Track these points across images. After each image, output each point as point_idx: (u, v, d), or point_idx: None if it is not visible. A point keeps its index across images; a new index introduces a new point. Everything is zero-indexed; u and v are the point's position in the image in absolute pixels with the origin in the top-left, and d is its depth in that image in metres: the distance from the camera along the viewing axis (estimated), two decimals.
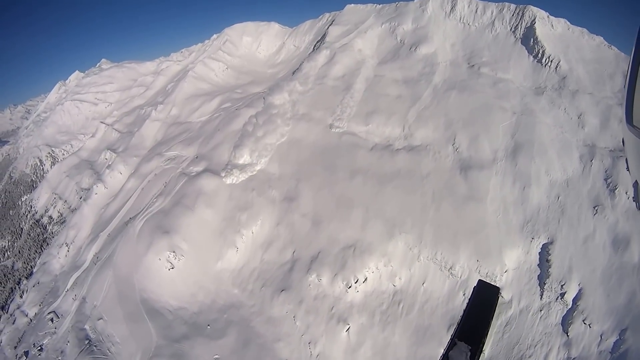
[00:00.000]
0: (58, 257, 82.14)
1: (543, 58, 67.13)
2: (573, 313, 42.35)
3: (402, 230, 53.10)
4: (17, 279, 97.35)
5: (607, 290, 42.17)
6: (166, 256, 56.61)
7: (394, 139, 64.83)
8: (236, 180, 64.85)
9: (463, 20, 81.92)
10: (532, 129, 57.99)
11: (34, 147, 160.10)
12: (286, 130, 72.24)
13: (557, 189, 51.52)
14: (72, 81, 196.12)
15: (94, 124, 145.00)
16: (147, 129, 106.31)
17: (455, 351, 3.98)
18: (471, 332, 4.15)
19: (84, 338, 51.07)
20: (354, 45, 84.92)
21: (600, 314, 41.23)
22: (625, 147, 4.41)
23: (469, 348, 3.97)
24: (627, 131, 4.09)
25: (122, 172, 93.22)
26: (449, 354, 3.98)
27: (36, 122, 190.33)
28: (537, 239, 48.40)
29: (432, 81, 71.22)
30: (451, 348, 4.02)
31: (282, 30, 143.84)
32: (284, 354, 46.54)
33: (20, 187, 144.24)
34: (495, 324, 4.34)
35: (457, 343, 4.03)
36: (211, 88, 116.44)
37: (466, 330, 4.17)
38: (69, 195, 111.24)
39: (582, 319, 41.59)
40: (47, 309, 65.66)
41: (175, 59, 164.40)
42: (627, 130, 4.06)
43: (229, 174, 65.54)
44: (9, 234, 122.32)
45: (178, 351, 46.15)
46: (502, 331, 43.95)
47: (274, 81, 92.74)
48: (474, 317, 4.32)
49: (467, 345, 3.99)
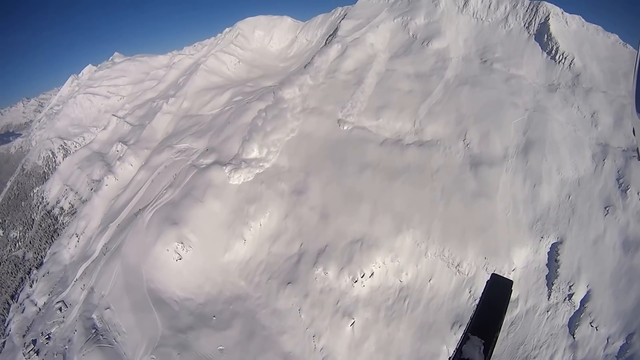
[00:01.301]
0: (68, 247, 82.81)
1: (557, 55, 66.26)
2: (580, 315, 41.73)
3: (410, 225, 52.73)
4: (28, 268, 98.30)
5: (616, 293, 41.49)
6: (174, 247, 56.82)
7: (405, 133, 64.35)
8: (239, 181, 64.42)
9: (476, 15, 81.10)
10: (544, 126, 57.22)
11: (46, 139, 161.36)
12: (296, 125, 72.08)
13: (568, 187, 50.83)
14: (85, 75, 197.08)
15: (106, 117, 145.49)
16: (158, 122, 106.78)
17: (469, 345, 3.99)
18: (484, 326, 4.15)
19: (91, 327, 51.51)
20: (366, 39, 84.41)
21: (607, 317, 40.58)
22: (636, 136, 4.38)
23: (482, 342, 3.98)
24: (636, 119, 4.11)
25: (132, 164, 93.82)
26: (462, 348, 3.99)
27: (49, 115, 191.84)
28: (547, 238, 47.80)
29: (444, 76, 70.59)
30: (464, 342, 4.03)
31: (295, 24, 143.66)
32: (288, 346, 46.50)
33: (33, 179, 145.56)
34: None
35: (471, 337, 4.04)
36: (223, 81, 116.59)
37: (479, 324, 4.18)
38: (80, 186, 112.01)
39: (590, 322, 40.97)
40: (56, 298, 66.33)
41: (188, 53, 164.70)
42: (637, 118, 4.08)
43: (234, 172, 65.09)
44: (20, 225, 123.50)
45: (183, 341, 46.32)
46: (507, 330, 43.45)
47: (286, 75, 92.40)
48: (487, 311, 4.32)
49: (480, 340, 4.00)
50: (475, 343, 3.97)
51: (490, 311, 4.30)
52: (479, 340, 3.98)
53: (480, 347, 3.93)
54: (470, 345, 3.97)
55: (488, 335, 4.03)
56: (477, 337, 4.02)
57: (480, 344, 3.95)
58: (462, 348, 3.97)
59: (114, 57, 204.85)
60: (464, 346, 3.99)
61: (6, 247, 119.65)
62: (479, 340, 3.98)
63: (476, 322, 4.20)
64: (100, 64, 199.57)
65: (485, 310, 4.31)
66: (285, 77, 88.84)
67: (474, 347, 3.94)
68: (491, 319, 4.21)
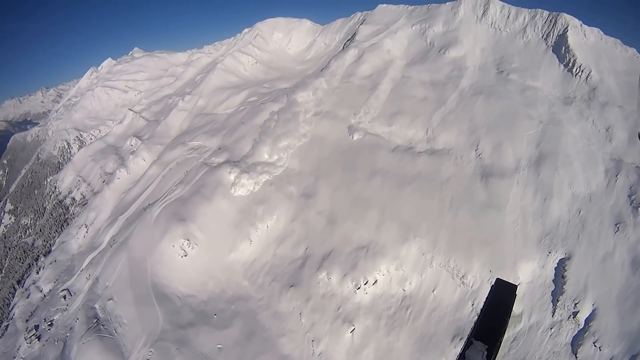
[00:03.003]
0: (77, 237, 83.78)
1: (574, 67, 65.23)
2: (584, 334, 40.53)
3: (416, 234, 52.17)
4: (36, 255, 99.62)
5: (622, 313, 40.25)
6: (180, 243, 57.12)
7: (417, 141, 63.88)
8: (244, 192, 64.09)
9: (494, 25, 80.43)
10: (558, 139, 56.25)
11: (62, 130, 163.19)
12: (308, 129, 72.04)
13: (579, 202, 49.65)
14: (104, 68, 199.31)
15: (122, 111, 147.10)
16: (173, 118, 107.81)
17: (472, 350, 3.99)
18: (488, 331, 4.14)
19: (92, 317, 51.93)
20: (383, 45, 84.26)
21: (612, 337, 39.36)
22: None
23: (485, 347, 3.98)
24: None
25: (145, 158, 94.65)
26: (465, 353, 3.99)
27: (66, 106, 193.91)
28: (554, 253, 46.58)
29: (459, 85, 70.02)
30: (468, 347, 4.03)
31: (314, 27, 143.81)
32: (287, 349, 46.30)
33: (47, 168, 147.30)
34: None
35: (474, 342, 4.03)
36: (239, 81, 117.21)
37: (483, 329, 4.16)
38: (92, 178, 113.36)
39: (593, 341, 39.76)
40: (61, 286, 67.16)
41: (208, 52, 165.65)
42: None
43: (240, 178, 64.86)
44: (32, 213, 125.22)
45: (183, 337, 46.43)
46: (509, 346, 42.36)
47: (302, 78, 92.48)
48: (490, 316, 4.31)
49: (483, 345, 4.00)
50: (478, 348, 3.97)
51: (494, 316, 4.29)
52: (483, 345, 3.98)
53: (483, 353, 3.93)
54: (473, 350, 3.97)
55: (491, 340, 4.02)
56: (480, 342, 4.01)
57: (484, 349, 3.95)
58: (466, 353, 3.97)
59: (133, 52, 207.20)
60: (467, 351, 3.99)
61: (16, 234, 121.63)
62: (482, 345, 3.98)
63: (480, 327, 4.18)
64: (120, 58, 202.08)
65: (489, 315, 4.30)
66: (301, 80, 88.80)
67: (477, 352, 3.95)
68: (495, 324, 4.21)
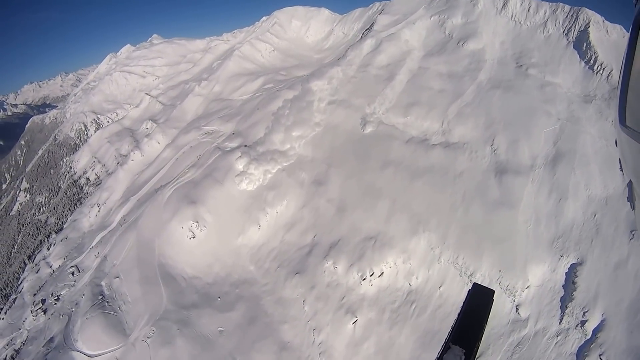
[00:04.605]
0: (89, 216, 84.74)
1: (595, 65, 63.16)
2: (591, 345, 38.89)
3: (426, 228, 51.25)
4: (48, 232, 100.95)
5: (631, 327, 38.29)
6: (189, 225, 57.25)
7: (432, 133, 62.80)
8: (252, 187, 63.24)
9: (514, 18, 78.32)
10: (576, 138, 54.59)
11: (80, 112, 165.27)
12: (321, 119, 71.37)
13: (594, 205, 47.81)
14: (123, 53, 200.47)
15: (139, 95, 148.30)
16: (189, 103, 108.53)
17: (450, 355, 3.94)
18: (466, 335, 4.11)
19: (98, 293, 52.48)
20: (401, 35, 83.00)
21: (618, 351, 37.55)
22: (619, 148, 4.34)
23: (463, 352, 3.93)
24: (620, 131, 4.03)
25: (159, 141, 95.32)
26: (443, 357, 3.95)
27: (85, 90, 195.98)
28: (566, 257, 44.91)
29: (477, 78, 68.48)
30: (445, 351, 3.99)
31: (332, 16, 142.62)
32: (287, 336, 45.98)
33: (64, 149, 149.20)
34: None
35: (452, 347, 3.99)
36: (256, 68, 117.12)
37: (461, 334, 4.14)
38: (107, 159, 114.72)
39: (599, 353, 38.04)
40: (71, 263, 68.02)
41: (226, 39, 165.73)
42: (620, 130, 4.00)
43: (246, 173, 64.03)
44: (46, 191, 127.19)
45: (185, 318, 46.60)
46: (512, 350, 41.11)
47: (319, 66, 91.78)
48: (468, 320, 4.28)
49: (461, 349, 3.95)
50: (456, 352, 3.92)
51: (472, 321, 4.24)
52: (460, 349, 3.93)
53: (461, 357, 3.89)
54: (451, 354, 3.93)
55: (469, 345, 3.97)
56: (458, 346, 3.96)
57: (461, 353, 3.91)
58: (443, 357, 3.93)
59: (152, 38, 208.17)
60: (444, 355, 3.94)
61: (31, 211, 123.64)
62: (459, 349, 3.93)
63: (457, 332, 4.14)
64: (139, 44, 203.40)
65: (467, 320, 4.26)
66: (317, 68, 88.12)
67: (455, 356, 3.90)
68: (472, 328, 4.17)
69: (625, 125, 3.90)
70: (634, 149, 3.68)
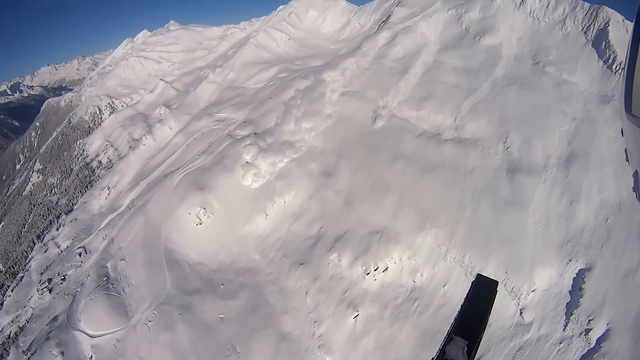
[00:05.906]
0: (99, 198, 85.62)
1: (614, 64, 61.13)
2: (594, 354, 37.55)
3: (434, 224, 50.43)
4: (58, 213, 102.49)
5: (636, 338, 36.78)
6: (196, 211, 57.41)
7: (444, 128, 61.87)
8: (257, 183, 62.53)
9: (533, 14, 76.34)
10: (592, 139, 52.92)
11: (95, 96, 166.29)
12: (333, 110, 70.85)
13: (607, 210, 46.04)
14: (140, 39, 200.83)
15: (154, 81, 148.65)
16: (202, 90, 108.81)
17: (452, 346, 3.91)
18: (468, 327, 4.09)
19: (103, 275, 52.98)
20: (417, 28, 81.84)
21: None
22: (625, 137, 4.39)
23: (465, 343, 3.90)
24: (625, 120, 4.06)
25: (172, 127, 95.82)
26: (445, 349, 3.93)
27: (101, 74, 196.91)
28: (575, 262, 43.42)
29: (492, 74, 67.16)
30: (448, 343, 3.96)
31: (349, 7, 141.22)
32: (288, 327, 45.90)
33: (77, 132, 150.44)
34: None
35: (454, 338, 3.96)
36: (271, 57, 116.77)
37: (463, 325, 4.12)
38: (120, 143, 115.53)
39: None
40: (78, 244, 68.86)
41: (242, 27, 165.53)
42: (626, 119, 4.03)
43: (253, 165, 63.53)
44: (59, 173, 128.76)
45: (187, 303, 46.79)
46: (513, 355, 40.20)
47: (334, 57, 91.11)
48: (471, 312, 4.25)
49: (464, 340, 3.92)
50: (459, 344, 3.89)
51: (475, 312, 4.22)
52: (463, 341, 3.90)
53: (463, 348, 3.85)
54: (453, 346, 3.90)
55: (472, 337, 3.94)
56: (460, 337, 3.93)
57: (464, 344, 3.87)
58: (446, 349, 3.90)
59: (169, 24, 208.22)
60: (447, 347, 3.91)
61: (42, 192, 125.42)
62: (462, 341, 3.90)
63: (460, 323, 4.12)
64: (155, 30, 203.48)
65: (470, 311, 4.23)
66: (331, 59, 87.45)
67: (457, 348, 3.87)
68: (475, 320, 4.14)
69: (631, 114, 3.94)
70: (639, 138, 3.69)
